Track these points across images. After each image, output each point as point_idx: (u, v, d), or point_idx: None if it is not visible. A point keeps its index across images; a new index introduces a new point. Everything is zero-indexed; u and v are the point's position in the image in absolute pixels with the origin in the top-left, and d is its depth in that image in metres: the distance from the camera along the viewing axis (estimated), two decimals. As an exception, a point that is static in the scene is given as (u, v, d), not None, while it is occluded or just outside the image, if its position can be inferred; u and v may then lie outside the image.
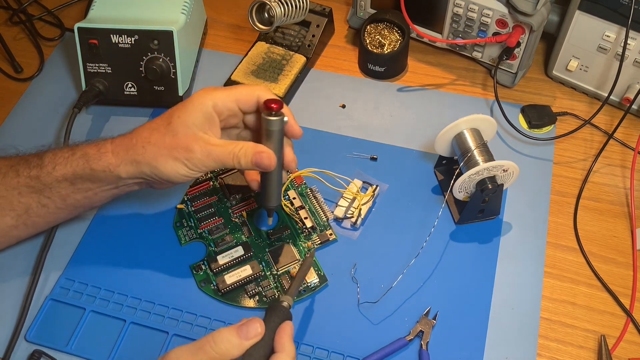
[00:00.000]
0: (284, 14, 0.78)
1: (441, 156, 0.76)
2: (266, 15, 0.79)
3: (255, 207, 0.76)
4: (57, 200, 0.65)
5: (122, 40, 0.80)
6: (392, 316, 0.68)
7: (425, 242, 0.70)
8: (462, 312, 0.68)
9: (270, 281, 0.70)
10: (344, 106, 0.86)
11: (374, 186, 0.76)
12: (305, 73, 0.89)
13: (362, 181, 0.77)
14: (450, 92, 0.87)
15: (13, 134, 0.85)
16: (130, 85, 0.82)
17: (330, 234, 0.73)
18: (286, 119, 0.63)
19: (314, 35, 0.89)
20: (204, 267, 0.71)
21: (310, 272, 0.70)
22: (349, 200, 0.75)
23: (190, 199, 0.76)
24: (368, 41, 0.87)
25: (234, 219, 0.75)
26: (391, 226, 0.74)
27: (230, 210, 0.75)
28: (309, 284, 0.69)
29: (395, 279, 0.68)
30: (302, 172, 0.76)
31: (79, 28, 0.80)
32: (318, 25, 0.90)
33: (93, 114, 0.86)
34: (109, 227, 0.75)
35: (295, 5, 0.79)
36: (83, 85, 0.82)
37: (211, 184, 0.78)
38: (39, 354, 0.65)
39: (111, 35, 0.79)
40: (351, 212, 0.74)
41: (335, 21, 0.93)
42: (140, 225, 0.75)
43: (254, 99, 0.63)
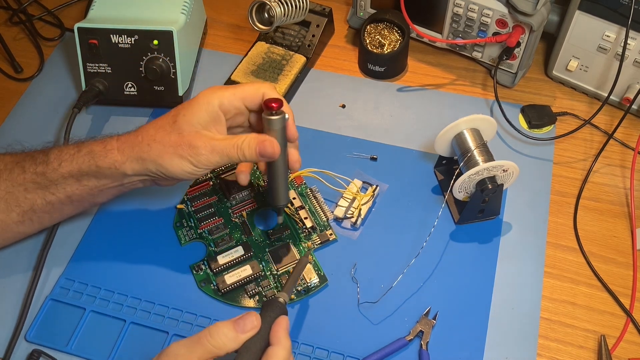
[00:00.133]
0: (284, 14, 0.78)
1: (441, 156, 0.76)
2: (266, 15, 0.79)
3: (255, 207, 0.76)
4: (63, 196, 0.65)
5: (122, 40, 0.80)
6: (392, 316, 0.68)
7: (425, 242, 0.70)
8: (462, 312, 0.68)
9: (270, 281, 0.70)
10: (344, 106, 0.86)
11: (374, 186, 0.76)
12: (305, 73, 0.89)
13: (362, 181, 0.77)
14: (450, 92, 0.87)
15: (13, 134, 0.84)
16: (130, 85, 0.82)
17: (330, 234, 0.73)
18: (287, 117, 0.63)
19: (314, 35, 0.89)
20: (204, 267, 0.71)
21: (310, 272, 0.70)
22: (349, 200, 0.75)
23: (190, 199, 0.76)
24: (368, 41, 0.87)
25: (234, 219, 0.75)
26: (391, 226, 0.74)
27: (230, 210, 0.75)
28: (309, 284, 0.69)
29: (395, 279, 0.68)
30: (302, 172, 0.76)
31: (79, 28, 0.80)
32: (318, 25, 0.90)
33: (93, 114, 0.86)
34: (109, 227, 0.75)
35: (295, 5, 0.79)
36: (83, 85, 0.82)
37: (211, 184, 0.78)
38: (39, 354, 0.65)
39: (111, 35, 0.79)
40: (351, 212, 0.74)
41: (335, 21, 0.93)
42: (140, 225, 0.75)
43: (259, 96, 0.63)
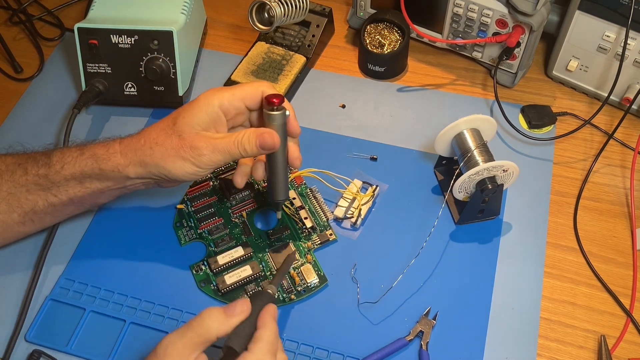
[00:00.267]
0: (284, 14, 0.78)
1: (441, 156, 0.76)
2: (266, 15, 0.79)
3: (255, 207, 0.76)
4: (64, 198, 0.66)
5: (122, 41, 0.80)
6: (392, 316, 0.68)
7: (425, 242, 0.70)
8: (462, 312, 0.68)
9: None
10: (344, 106, 0.86)
11: (374, 186, 0.76)
12: (305, 73, 0.89)
13: (362, 181, 0.77)
14: (450, 92, 0.87)
15: (13, 134, 0.84)
16: (130, 85, 0.82)
17: (330, 234, 0.73)
18: (288, 113, 0.63)
19: (314, 35, 0.89)
20: (204, 267, 0.71)
21: (310, 272, 0.70)
22: (349, 201, 0.75)
23: (190, 199, 0.76)
24: (368, 41, 0.87)
25: (234, 219, 0.75)
26: (391, 226, 0.74)
27: (230, 210, 0.75)
28: (309, 284, 0.69)
29: (395, 279, 0.68)
30: (302, 172, 0.76)
31: (78, 28, 0.80)
32: (318, 25, 0.90)
33: (93, 114, 0.86)
34: (109, 227, 0.75)
35: (295, 5, 0.79)
36: (83, 85, 0.82)
37: (211, 184, 0.78)
38: (39, 354, 0.65)
39: (111, 36, 0.79)
40: (351, 212, 0.74)
41: (335, 21, 0.93)
42: (140, 225, 0.75)
43: (259, 94, 0.63)
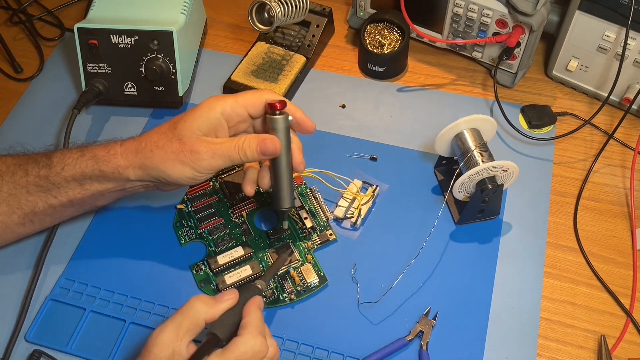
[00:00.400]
0: (284, 14, 0.78)
1: (441, 156, 0.76)
2: (266, 15, 0.79)
3: (255, 207, 0.76)
4: (65, 199, 0.66)
5: (122, 41, 0.80)
6: (392, 316, 0.68)
7: (425, 242, 0.70)
8: (462, 312, 0.68)
9: (269, 282, 0.70)
10: (344, 106, 0.86)
11: (374, 186, 0.76)
12: (305, 73, 0.89)
13: (362, 181, 0.77)
14: (450, 92, 0.87)
15: (13, 134, 0.84)
16: (130, 85, 0.82)
17: (330, 234, 0.73)
18: (291, 118, 0.63)
19: (314, 35, 0.89)
20: (204, 267, 0.71)
21: (310, 272, 0.70)
22: (349, 201, 0.75)
23: (190, 199, 0.76)
24: (368, 41, 0.87)
25: (234, 219, 0.75)
26: (391, 226, 0.74)
27: (230, 210, 0.75)
28: (309, 284, 0.69)
29: (395, 279, 0.68)
30: (302, 172, 0.76)
31: (78, 28, 0.80)
32: (318, 25, 0.90)
33: (93, 114, 0.86)
34: (109, 227, 0.75)
35: (295, 5, 0.79)
36: (83, 85, 0.82)
37: (211, 184, 0.77)
38: (39, 354, 0.65)
39: (111, 36, 0.79)
40: (351, 212, 0.74)
41: (335, 21, 0.93)
42: (140, 225, 0.75)
43: (262, 103, 0.64)
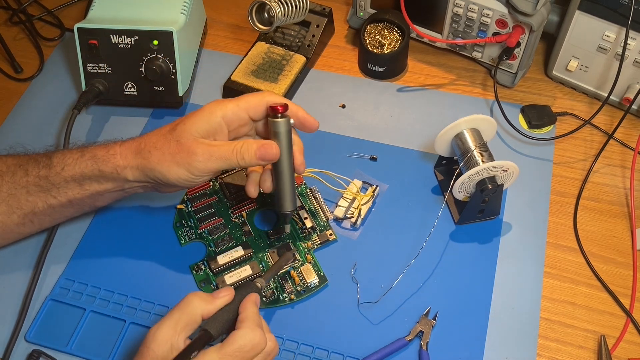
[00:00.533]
0: (284, 14, 0.78)
1: (441, 156, 0.76)
2: (266, 15, 0.79)
3: (255, 207, 0.76)
4: (64, 200, 0.66)
5: (122, 41, 0.80)
6: (392, 316, 0.68)
7: (425, 242, 0.70)
8: (462, 312, 0.68)
9: (270, 281, 0.70)
10: (344, 106, 0.86)
11: (374, 186, 0.76)
12: (305, 73, 0.89)
13: (362, 181, 0.77)
14: (450, 92, 0.87)
15: (13, 134, 0.84)
16: (130, 85, 0.82)
17: (330, 234, 0.73)
18: (292, 121, 0.63)
19: (314, 35, 0.89)
20: (203, 267, 0.71)
21: (310, 272, 0.70)
22: (349, 201, 0.75)
23: (190, 199, 0.76)
24: (368, 41, 0.87)
25: (234, 219, 0.75)
26: (391, 226, 0.74)
27: (230, 210, 0.75)
28: (309, 284, 0.69)
29: (395, 279, 0.68)
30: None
31: (78, 28, 0.80)
32: (318, 25, 0.90)
33: (93, 114, 0.86)
34: (109, 227, 0.75)
35: (295, 5, 0.79)
36: (83, 85, 0.82)
37: (211, 184, 0.77)
38: (39, 354, 0.65)
39: (111, 36, 0.79)
40: (351, 212, 0.74)
41: (335, 21, 0.93)
42: (140, 225, 0.75)
43: (263, 106, 0.64)
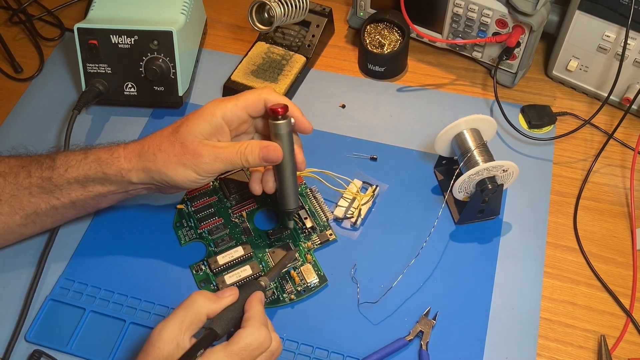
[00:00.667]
0: (284, 14, 0.78)
1: (441, 156, 0.76)
2: (266, 15, 0.79)
3: (255, 207, 0.76)
4: (67, 201, 0.66)
5: (122, 41, 0.80)
6: (392, 316, 0.68)
7: (425, 242, 0.70)
8: (462, 312, 0.68)
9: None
10: (344, 106, 0.86)
11: (374, 186, 0.76)
12: (305, 73, 0.89)
13: (362, 181, 0.77)
14: (450, 92, 0.87)
15: (13, 134, 0.85)
16: (130, 85, 0.82)
17: (330, 234, 0.73)
18: (293, 121, 0.64)
19: (314, 35, 0.89)
20: (203, 267, 0.71)
21: (310, 272, 0.70)
22: (349, 201, 0.75)
23: (190, 199, 0.76)
24: (368, 41, 0.87)
25: (234, 219, 0.75)
26: (391, 226, 0.74)
27: (230, 210, 0.75)
28: (309, 284, 0.69)
29: (395, 279, 0.68)
30: (302, 172, 0.76)
31: (78, 28, 0.80)
32: (318, 25, 0.90)
33: (93, 114, 0.86)
34: (109, 227, 0.75)
35: (295, 5, 0.79)
36: (83, 85, 0.82)
37: (211, 184, 0.77)
38: (39, 354, 0.65)
39: (111, 36, 0.79)
40: (351, 212, 0.74)
41: (335, 21, 0.93)
42: (140, 225, 0.75)
43: (261, 103, 0.64)
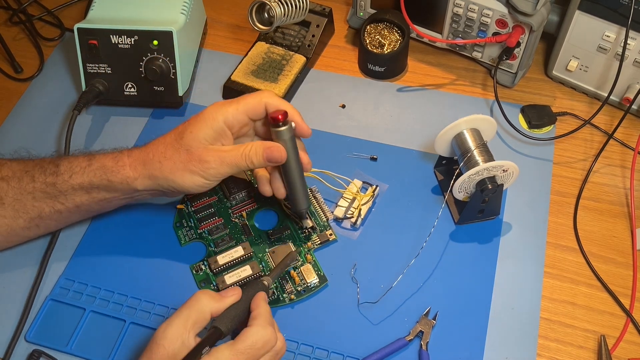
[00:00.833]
0: (284, 14, 0.78)
1: (441, 156, 0.76)
2: (266, 15, 0.79)
3: (255, 207, 0.76)
4: (71, 206, 0.66)
5: (122, 41, 0.80)
6: (392, 316, 0.68)
7: (425, 242, 0.70)
8: (462, 312, 0.68)
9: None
10: (344, 106, 0.86)
11: (374, 186, 0.76)
12: (305, 73, 0.89)
13: (362, 181, 0.77)
14: (450, 92, 0.87)
15: (13, 134, 0.84)
16: (130, 85, 0.82)
17: (330, 234, 0.73)
18: (294, 125, 0.64)
19: (314, 35, 0.89)
20: (203, 267, 0.71)
21: (310, 272, 0.70)
22: (349, 201, 0.75)
23: (190, 199, 0.76)
24: (368, 41, 0.87)
25: (234, 219, 0.75)
26: (391, 226, 0.74)
27: (230, 210, 0.75)
28: (309, 284, 0.69)
29: (395, 279, 0.68)
30: (302, 172, 0.77)
31: (78, 29, 0.80)
32: (318, 25, 0.90)
33: (93, 114, 0.86)
34: (109, 228, 0.75)
35: (295, 5, 0.79)
36: (83, 85, 0.82)
37: (211, 184, 0.78)
38: (39, 354, 0.65)
39: (111, 36, 0.79)
40: (351, 212, 0.74)
41: (335, 21, 0.93)
42: (140, 225, 0.75)
43: (262, 106, 0.64)
